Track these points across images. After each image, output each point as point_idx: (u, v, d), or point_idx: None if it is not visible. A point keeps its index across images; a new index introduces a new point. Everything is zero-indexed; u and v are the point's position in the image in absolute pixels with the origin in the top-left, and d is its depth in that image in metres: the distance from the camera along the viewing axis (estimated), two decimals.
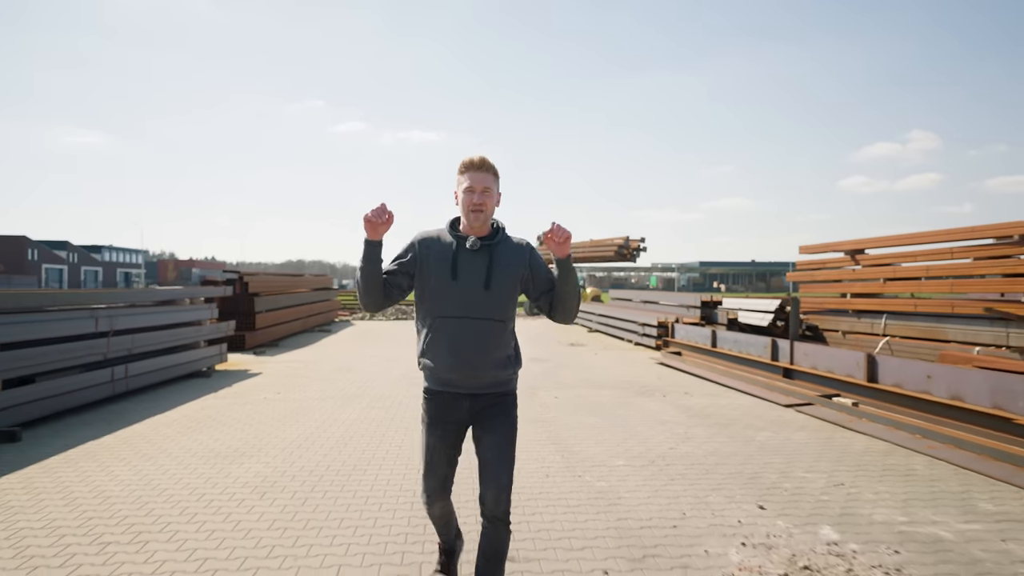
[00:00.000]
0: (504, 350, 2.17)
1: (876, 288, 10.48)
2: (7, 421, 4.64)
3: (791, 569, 2.62)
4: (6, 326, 4.78)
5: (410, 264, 2.18)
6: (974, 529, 3.04)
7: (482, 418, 2.16)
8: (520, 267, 2.17)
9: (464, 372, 2.11)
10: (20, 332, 4.92)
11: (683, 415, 5.70)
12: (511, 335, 2.23)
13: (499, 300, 2.14)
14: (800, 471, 3.98)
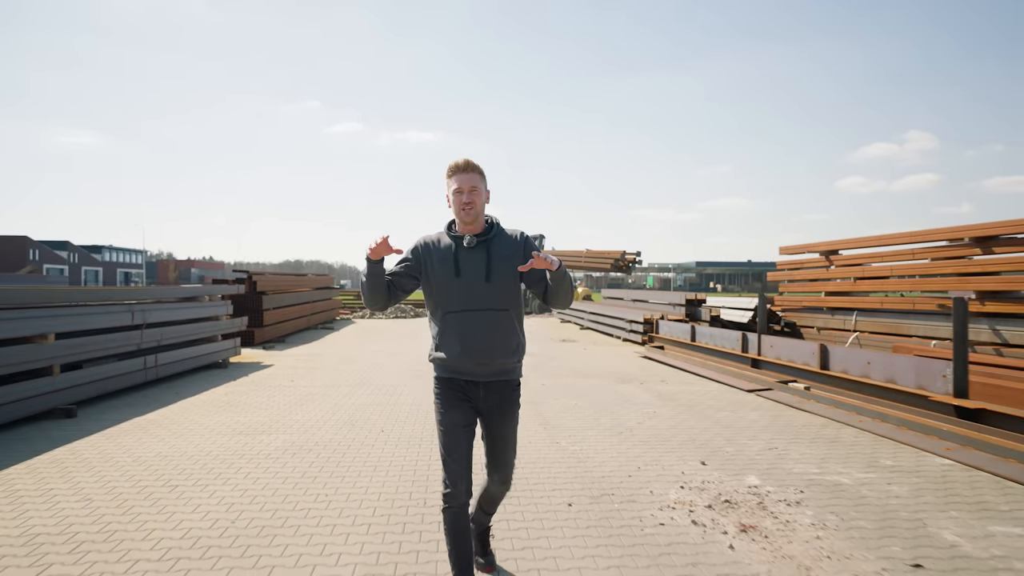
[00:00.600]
0: (510, 338, 2.31)
1: (848, 287, 11.23)
2: (65, 400, 5.37)
3: (715, 502, 3.36)
4: (63, 318, 5.51)
5: (414, 268, 2.34)
6: (869, 477, 3.79)
7: (492, 411, 2.34)
8: (516, 257, 2.30)
9: (473, 360, 2.26)
10: (74, 324, 5.65)
11: (655, 398, 6.44)
12: (516, 323, 2.35)
13: (500, 291, 2.28)
14: (744, 439, 4.72)
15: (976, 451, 4.22)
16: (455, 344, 2.26)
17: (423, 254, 2.33)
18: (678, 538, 2.91)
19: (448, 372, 2.31)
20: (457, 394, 2.31)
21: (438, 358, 2.31)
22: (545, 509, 3.26)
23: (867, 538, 2.91)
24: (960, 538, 2.92)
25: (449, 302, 2.28)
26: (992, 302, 8.36)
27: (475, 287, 2.26)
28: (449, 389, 2.31)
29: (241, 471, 3.89)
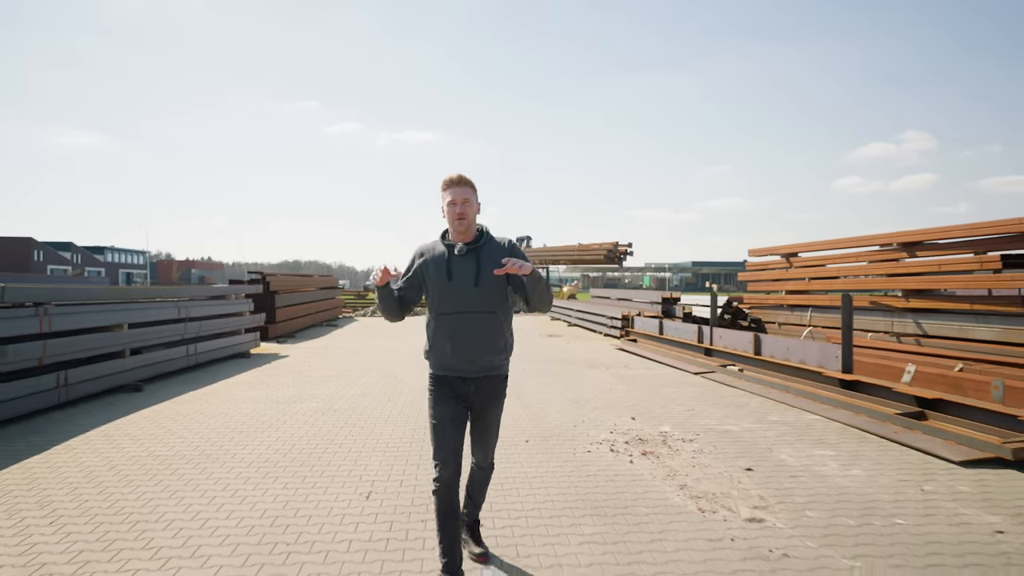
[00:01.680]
0: (497, 338, 2.52)
1: (803, 286, 12.60)
2: (134, 378, 6.75)
3: (631, 440, 4.74)
4: (131, 312, 6.87)
5: (415, 278, 2.58)
6: (752, 426, 5.17)
7: (481, 403, 2.57)
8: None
9: (463, 358, 2.48)
10: (139, 316, 7.01)
11: (615, 379, 7.82)
12: (505, 324, 2.56)
13: (488, 295, 2.47)
14: (673, 405, 6.10)
15: (842, 410, 5.59)
16: (447, 344, 2.49)
17: (420, 264, 2.58)
18: (598, 459, 4.28)
19: (441, 370, 2.54)
20: (447, 391, 2.53)
21: (432, 356, 2.55)
22: (509, 444, 4.63)
23: (727, 458, 4.29)
24: (788, 456, 4.29)
25: (442, 305, 2.50)
26: (916, 299, 9.73)
27: (465, 291, 2.46)
28: (441, 386, 2.54)
29: (286, 424, 5.26)
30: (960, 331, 8.81)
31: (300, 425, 5.22)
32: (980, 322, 8.51)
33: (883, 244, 10.46)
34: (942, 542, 2.94)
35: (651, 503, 3.45)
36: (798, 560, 2.76)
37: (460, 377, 2.53)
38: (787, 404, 6.11)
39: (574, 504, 3.44)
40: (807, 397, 6.22)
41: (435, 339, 2.53)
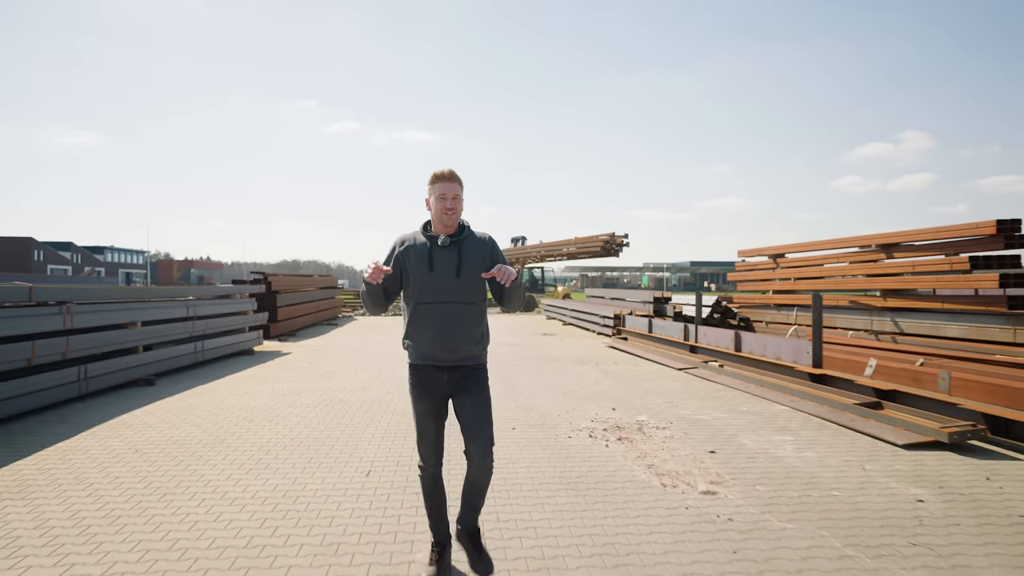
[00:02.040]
0: (476, 328, 2.59)
1: (789, 286, 13.05)
2: (146, 372, 7.18)
3: (609, 427, 5.18)
4: (144, 310, 7.31)
5: (396, 267, 2.62)
6: (723, 416, 5.61)
7: (460, 388, 2.61)
8: (485, 257, 2.59)
9: (442, 347, 2.54)
10: (151, 315, 7.45)
11: (602, 374, 8.26)
12: (482, 316, 2.63)
13: (468, 286, 2.55)
14: (652, 397, 6.54)
15: (808, 401, 6.03)
16: (427, 332, 2.56)
17: (401, 254, 2.62)
18: (577, 444, 4.72)
19: (420, 359, 2.61)
20: (426, 385, 2.61)
21: (411, 344, 2.61)
22: (497, 432, 5.04)
23: (694, 443, 4.73)
24: (750, 441, 4.74)
25: (422, 294, 2.56)
26: (893, 299, 10.18)
27: (446, 282, 2.53)
28: (420, 379, 2.62)
29: (293, 414, 5.70)
30: (933, 329, 9.26)
31: (305, 415, 5.66)
32: (950, 320, 8.96)
33: (862, 246, 10.90)
34: (868, 509, 3.39)
35: (620, 479, 3.89)
36: (741, 524, 3.20)
37: (436, 366, 2.59)
38: (759, 396, 6.55)
39: (551, 480, 3.88)
40: (779, 390, 6.66)
41: (414, 328, 2.59)
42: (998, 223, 8.34)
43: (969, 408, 4.88)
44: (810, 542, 2.98)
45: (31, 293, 5.41)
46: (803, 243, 12.98)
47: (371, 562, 2.78)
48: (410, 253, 2.60)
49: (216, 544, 2.95)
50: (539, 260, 28.50)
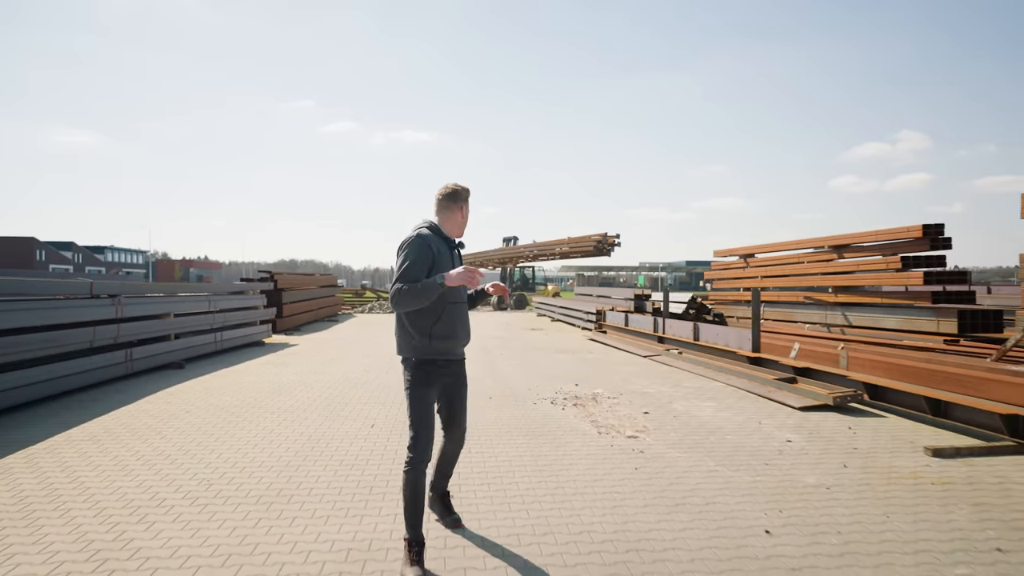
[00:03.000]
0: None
1: (757, 284, 14.24)
2: (177, 358, 8.35)
3: (568, 398, 6.36)
4: (176, 303, 8.49)
5: (431, 265, 2.72)
6: (666, 390, 6.80)
7: (457, 380, 2.90)
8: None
9: (460, 343, 2.84)
10: (181, 308, 8.62)
11: (576, 361, 9.44)
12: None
13: (466, 288, 2.86)
14: (612, 376, 7.72)
15: (740, 378, 7.22)
16: (457, 330, 2.79)
17: (434, 251, 2.74)
18: (540, 408, 5.90)
19: (435, 354, 2.75)
20: (433, 377, 2.77)
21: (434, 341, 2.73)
22: (476, 401, 6.24)
23: (635, 407, 5.91)
24: (680, 406, 5.93)
25: (449, 294, 2.74)
26: (843, 294, 11.37)
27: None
28: (428, 372, 2.75)
29: (307, 389, 6.87)
30: (874, 321, 10.46)
31: (318, 389, 6.84)
32: (888, 313, 10.15)
33: (817, 247, 12.11)
34: (747, 445, 4.57)
35: (566, 429, 5.08)
36: (648, 454, 4.38)
37: (448, 360, 2.81)
38: (703, 375, 7.75)
39: (513, 430, 5.06)
40: (720, 370, 7.85)
41: (445, 326, 2.74)
42: (924, 227, 9.53)
43: (857, 379, 6.07)
44: (693, 464, 4.16)
45: (92, 287, 6.58)
46: (770, 244, 14.18)
47: (376, 474, 3.96)
48: (439, 254, 2.77)
49: (266, 465, 4.13)
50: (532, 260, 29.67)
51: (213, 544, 2.91)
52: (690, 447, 4.57)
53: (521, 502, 3.45)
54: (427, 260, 2.70)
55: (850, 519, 3.21)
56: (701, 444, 4.64)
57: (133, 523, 3.15)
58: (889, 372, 5.88)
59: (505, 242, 31.67)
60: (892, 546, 2.89)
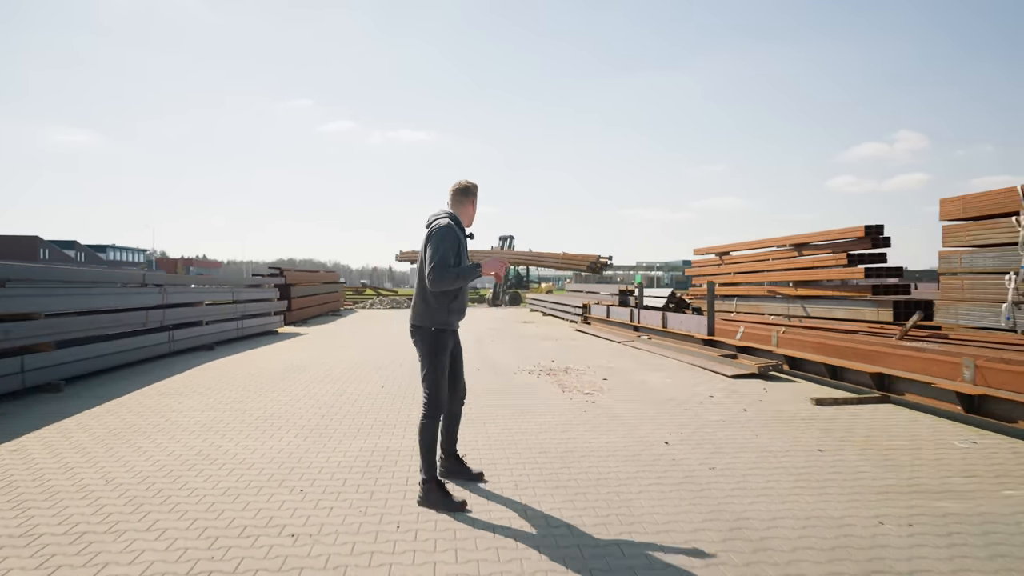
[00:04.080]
0: None
1: (731, 279, 15.57)
2: (207, 341, 9.66)
3: (544, 370, 7.68)
4: (208, 294, 9.79)
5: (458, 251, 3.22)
6: (629, 364, 8.12)
7: (455, 347, 3.45)
8: None
9: (463, 317, 3.45)
10: (211, 297, 9.93)
11: (558, 346, 10.77)
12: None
13: None
14: (585, 356, 9.04)
15: (692, 356, 8.54)
16: (463, 305, 3.36)
17: (460, 239, 3.27)
18: (518, 377, 7.21)
19: (446, 325, 3.27)
20: (445, 343, 3.28)
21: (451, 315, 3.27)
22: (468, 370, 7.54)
23: (597, 376, 7.22)
24: (635, 376, 7.25)
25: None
26: (803, 288, 12.68)
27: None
28: (441, 338, 3.25)
29: (324, 365, 8.18)
30: (827, 311, 11.78)
31: (333, 365, 8.16)
32: (839, 305, 11.47)
33: (779, 245, 13.43)
34: (677, 399, 5.89)
35: (537, 390, 6.39)
36: (597, 404, 5.68)
37: (452, 329, 3.35)
38: (663, 355, 9.07)
39: (493, 391, 6.38)
40: (677, 350, 9.17)
41: (460, 302, 3.32)
42: (866, 228, 10.86)
43: (781, 353, 7.40)
44: (629, 409, 5.47)
45: (144, 278, 7.89)
46: (742, 243, 15.50)
47: (387, 416, 5.27)
48: (463, 242, 3.31)
49: (303, 411, 5.44)
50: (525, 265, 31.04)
51: (276, 452, 4.21)
52: (631, 399, 5.88)
53: (497, 433, 4.76)
54: (456, 247, 3.19)
55: (729, 437, 4.52)
56: (640, 398, 5.96)
57: (217, 440, 4.46)
58: (804, 347, 7.20)
59: (501, 241, 32.97)
60: (748, 450, 4.20)
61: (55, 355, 6.04)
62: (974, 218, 8.85)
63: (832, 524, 2.92)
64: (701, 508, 3.13)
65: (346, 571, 2.47)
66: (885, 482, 3.53)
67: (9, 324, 5.41)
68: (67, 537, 2.77)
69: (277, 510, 3.11)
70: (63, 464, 3.83)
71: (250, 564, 2.52)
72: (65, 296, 6.36)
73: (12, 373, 5.43)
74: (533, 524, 2.96)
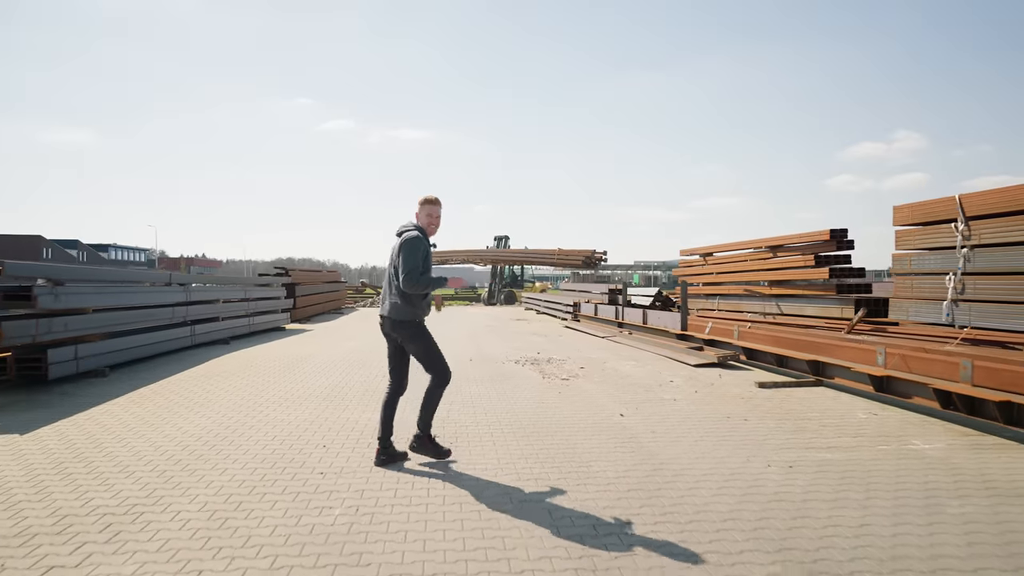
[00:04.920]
0: None
1: (714, 279, 16.51)
2: (224, 336, 10.60)
3: (528, 360, 8.62)
4: (223, 291, 10.74)
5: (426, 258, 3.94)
6: (606, 356, 9.07)
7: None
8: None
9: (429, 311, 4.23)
10: (225, 295, 10.87)
11: (546, 341, 11.71)
12: None
13: None
14: (567, 349, 9.98)
15: (665, 348, 9.47)
16: (430, 302, 4.16)
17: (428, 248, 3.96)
18: (506, 366, 8.15)
19: (422, 317, 4.06)
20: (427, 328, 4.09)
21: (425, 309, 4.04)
22: (461, 361, 8.49)
23: (575, 365, 8.16)
24: (610, 365, 8.20)
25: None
26: (777, 287, 13.62)
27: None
28: (423, 327, 4.07)
29: (331, 355, 9.12)
30: (799, 309, 12.71)
31: (339, 356, 9.10)
32: (809, 303, 12.41)
33: (756, 247, 14.37)
34: (641, 382, 6.83)
35: (521, 377, 7.33)
36: (571, 386, 6.62)
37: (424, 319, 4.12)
38: (639, 348, 10.02)
39: (482, 379, 7.31)
40: (652, 344, 10.11)
41: (426, 300, 4.01)
42: (831, 231, 11.80)
43: (741, 345, 8.34)
44: (599, 391, 6.41)
45: (171, 278, 8.82)
46: (724, 244, 16.42)
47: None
48: (430, 251, 3.97)
49: (318, 393, 6.37)
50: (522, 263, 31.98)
51: (300, 420, 5.14)
52: (601, 382, 6.83)
53: (486, 408, 5.70)
54: (424, 255, 3.87)
55: (675, 411, 5.46)
56: (609, 382, 6.90)
57: (251, 411, 5.39)
58: (758, 340, 8.14)
59: (496, 241, 33.90)
60: (688, 420, 5.13)
61: (101, 345, 6.97)
62: (922, 224, 9.80)
63: (733, 467, 3.86)
64: (634, 457, 4.08)
65: (363, 494, 3.40)
66: (788, 441, 4.47)
67: (67, 317, 6.35)
68: (154, 474, 3.71)
69: (307, 458, 4.05)
70: (129, 429, 4.77)
71: (293, 489, 3.46)
72: (108, 294, 7.30)
73: (69, 360, 6.37)
74: (501, 464, 3.90)
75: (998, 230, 8.07)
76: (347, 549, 2.71)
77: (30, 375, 6.05)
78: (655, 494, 3.39)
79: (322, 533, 2.87)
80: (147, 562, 2.57)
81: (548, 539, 2.81)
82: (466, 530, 2.91)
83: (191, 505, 3.21)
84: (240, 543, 2.76)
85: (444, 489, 3.48)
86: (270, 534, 2.86)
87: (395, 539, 2.82)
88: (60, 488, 3.43)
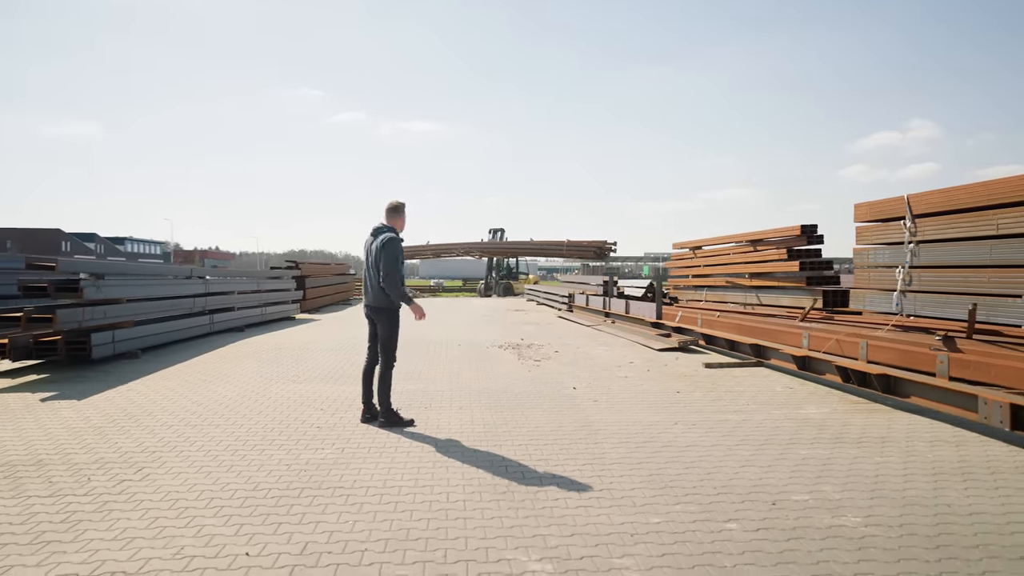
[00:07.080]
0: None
1: (702, 271, 17.38)
2: (238, 325, 11.72)
3: (510, 345, 9.63)
4: (238, 283, 11.84)
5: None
6: (582, 342, 10.05)
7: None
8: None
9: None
10: (238, 287, 11.97)
11: (535, 329, 12.70)
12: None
13: None
14: (551, 335, 10.97)
15: (637, 335, 10.42)
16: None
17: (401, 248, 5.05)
18: (490, 351, 9.16)
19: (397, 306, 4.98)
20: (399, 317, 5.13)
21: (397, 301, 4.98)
22: (448, 346, 9.51)
23: (550, 349, 9.15)
24: (583, 350, 9.18)
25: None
26: (757, 279, 14.49)
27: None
28: (397, 315, 5.04)
29: (338, 340, 10.18)
30: (775, 300, 13.59)
31: (344, 341, 10.17)
32: (784, 294, 13.29)
33: (738, 242, 15.22)
34: (607, 364, 7.80)
35: (499, 359, 8.33)
36: (542, 367, 7.60)
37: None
38: (615, 335, 10.98)
39: (466, 360, 8.32)
40: (628, 331, 11.06)
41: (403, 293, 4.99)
42: (802, 227, 12.64)
43: (701, 332, 9.27)
44: (564, 370, 7.39)
45: (191, 272, 9.92)
46: (711, 238, 17.26)
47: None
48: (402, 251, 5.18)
49: (324, 372, 7.41)
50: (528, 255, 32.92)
51: (308, 392, 6.19)
52: (569, 363, 7.82)
53: (461, 383, 6.71)
54: (401, 256, 4.95)
55: (624, 386, 6.43)
56: (577, 363, 7.89)
57: (267, 385, 6.45)
58: (716, 327, 9.07)
59: (491, 233, 34.80)
60: (629, 392, 6.09)
61: (134, 331, 8.08)
62: (878, 220, 10.63)
63: (648, 426, 4.84)
64: (573, 419, 5.06)
65: (348, 440, 4.43)
66: (704, 407, 5.43)
67: (107, 306, 7.45)
68: (186, 426, 4.77)
69: (307, 417, 5.10)
70: (163, 396, 5.85)
71: (295, 436, 4.50)
72: (139, 286, 8.40)
73: (107, 343, 7.47)
74: (463, 425, 4.91)
75: (938, 227, 8.93)
76: (333, 472, 3.74)
77: (76, 355, 7.15)
78: (577, 445, 4.38)
79: (315, 463, 3.91)
80: (188, 479, 3.62)
81: (484, 477, 3.79)
82: (421, 468, 3.92)
83: (217, 446, 4.26)
84: (255, 468, 3.81)
85: (411, 441, 4.50)
86: (277, 463, 3.90)
87: (367, 468, 3.84)
88: (117, 435, 4.50)
